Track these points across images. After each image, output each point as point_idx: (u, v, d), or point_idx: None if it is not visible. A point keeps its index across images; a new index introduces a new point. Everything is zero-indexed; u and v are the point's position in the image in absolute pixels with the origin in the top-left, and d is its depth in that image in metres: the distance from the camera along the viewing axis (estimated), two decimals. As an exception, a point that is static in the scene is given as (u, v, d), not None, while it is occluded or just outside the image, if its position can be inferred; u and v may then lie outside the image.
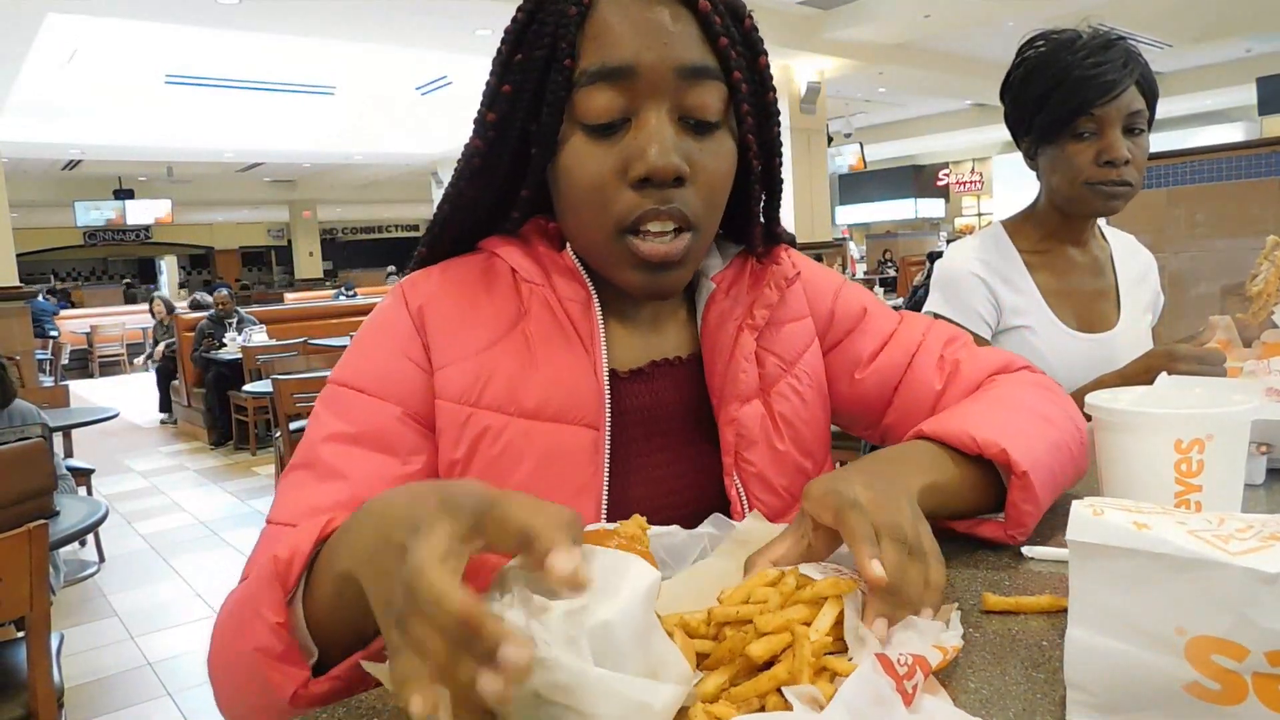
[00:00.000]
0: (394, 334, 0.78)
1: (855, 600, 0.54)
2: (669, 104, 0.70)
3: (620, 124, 0.71)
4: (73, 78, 8.87)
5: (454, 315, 0.78)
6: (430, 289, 0.80)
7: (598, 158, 0.71)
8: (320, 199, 20.48)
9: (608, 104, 0.70)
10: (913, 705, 0.47)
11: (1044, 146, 1.45)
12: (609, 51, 0.69)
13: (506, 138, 0.75)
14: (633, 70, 0.69)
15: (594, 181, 0.71)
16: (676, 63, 0.69)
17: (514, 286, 0.79)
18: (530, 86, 0.72)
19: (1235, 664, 0.43)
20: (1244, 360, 1.11)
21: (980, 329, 1.47)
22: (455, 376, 0.76)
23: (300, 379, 4.47)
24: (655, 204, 0.70)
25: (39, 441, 2.53)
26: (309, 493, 0.72)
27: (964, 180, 19.16)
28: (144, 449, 7.40)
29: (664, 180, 0.69)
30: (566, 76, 0.70)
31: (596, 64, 0.69)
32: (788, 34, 8.52)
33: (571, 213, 0.76)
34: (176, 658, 3.25)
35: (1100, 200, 1.41)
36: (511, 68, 0.73)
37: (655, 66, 0.69)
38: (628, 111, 0.70)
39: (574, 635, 0.44)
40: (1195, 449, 0.67)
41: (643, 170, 0.69)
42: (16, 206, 9.47)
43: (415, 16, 6.88)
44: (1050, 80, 1.39)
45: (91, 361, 13.43)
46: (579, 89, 0.70)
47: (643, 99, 0.70)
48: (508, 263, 0.80)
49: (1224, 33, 10.47)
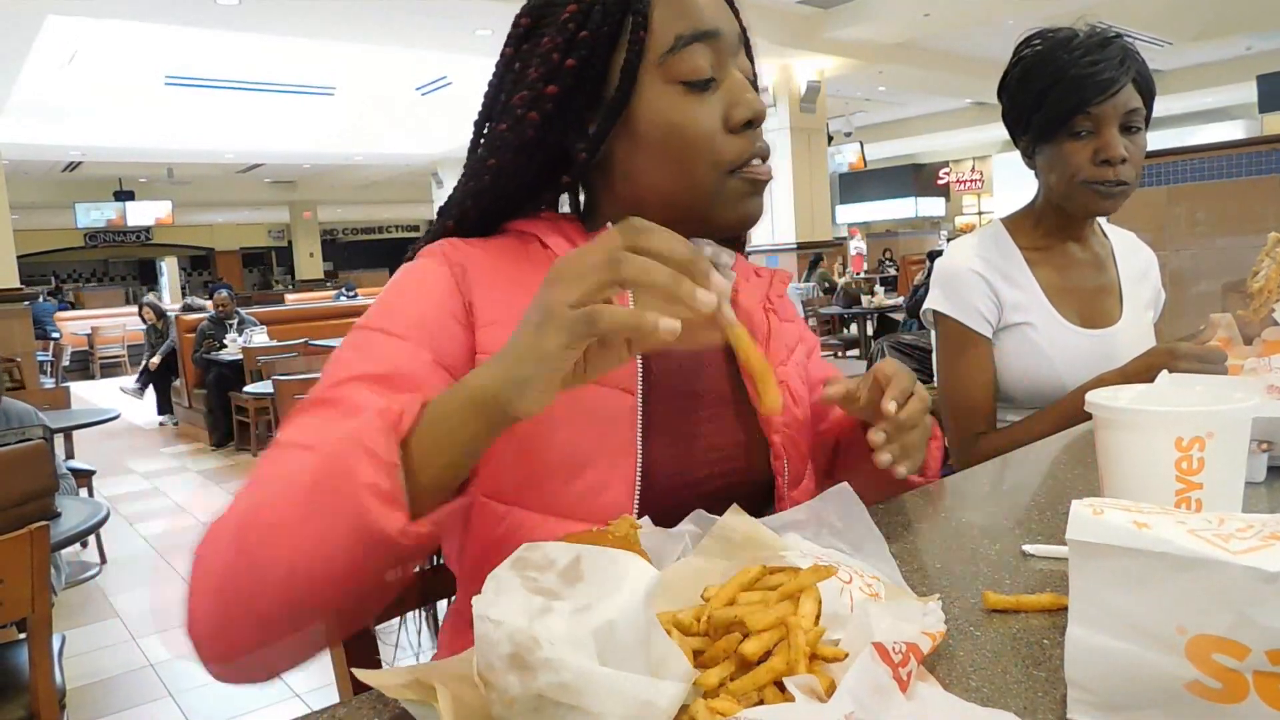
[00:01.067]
0: (433, 288, 0.79)
1: (832, 585, 0.55)
2: (734, 63, 0.82)
3: (711, 82, 0.81)
4: (73, 79, 8.88)
5: (500, 277, 0.81)
6: (472, 251, 0.82)
7: (703, 110, 0.80)
8: (320, 200, 20.48)
9: (705, 62, 0.80)
10: (908, 692, 0.48)
11: (1041, 145, 1.45)
12: (695, 19, 0.80)
13: (568, 111, 0.81)
14: (719, 33, 0.81)
15: (704, 132, 0.80)
16: (737, 29, 0.84)
17: (548, 261, 0.82)
18: (600, 58, 0.79)
19: (1236, 663, 0.43)
20: (1245, 358, 1.11)
21: (981, 327, 1.47)
22: (501, 335, 0.71)
23: (301, 380, 4.48)
24: (759, 141, 0.83)
25: (40, 443, 2.53)
26: (331, 427, 0.67)
27: (964, 179, 19.15)
28: (145, 450, 7.40)
29: (761, 122, 0.83)
30: (640, 46, 0.79)
31: (690, 29, 0.79)
32: (788, 33, 8.52)
33: (670, 168, 0.81)
34: (179, 659, 3.25)
35: (1097, 199, 1.41)
36: (578, 43, 0.79)
37: (731, 31, 0.82)
38: (716, 70, 0.81)
39: (578, 635, 0.44)
40: (1196, 447, 0.67)
41: (748, 114, 0.80)
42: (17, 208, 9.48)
43: (415, 17, 6.89)
44: (1047, 79, 1.39)
45: (92, 363, 13.44)
46: (675, 52, 0.79)
47: (725, 57, 0.82)
48: (541, 241, 0.84)
49: (1224, 30, 10.47)
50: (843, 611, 0.54)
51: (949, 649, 0.60)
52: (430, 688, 0.48)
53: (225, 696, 2.93)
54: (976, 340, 1.47)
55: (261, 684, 0.65)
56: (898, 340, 2.10)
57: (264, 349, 6.66)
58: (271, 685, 2.97)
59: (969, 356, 1.47)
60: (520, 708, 0.44)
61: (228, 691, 2.96)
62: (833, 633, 0.53)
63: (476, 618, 0.46)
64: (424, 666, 0.52)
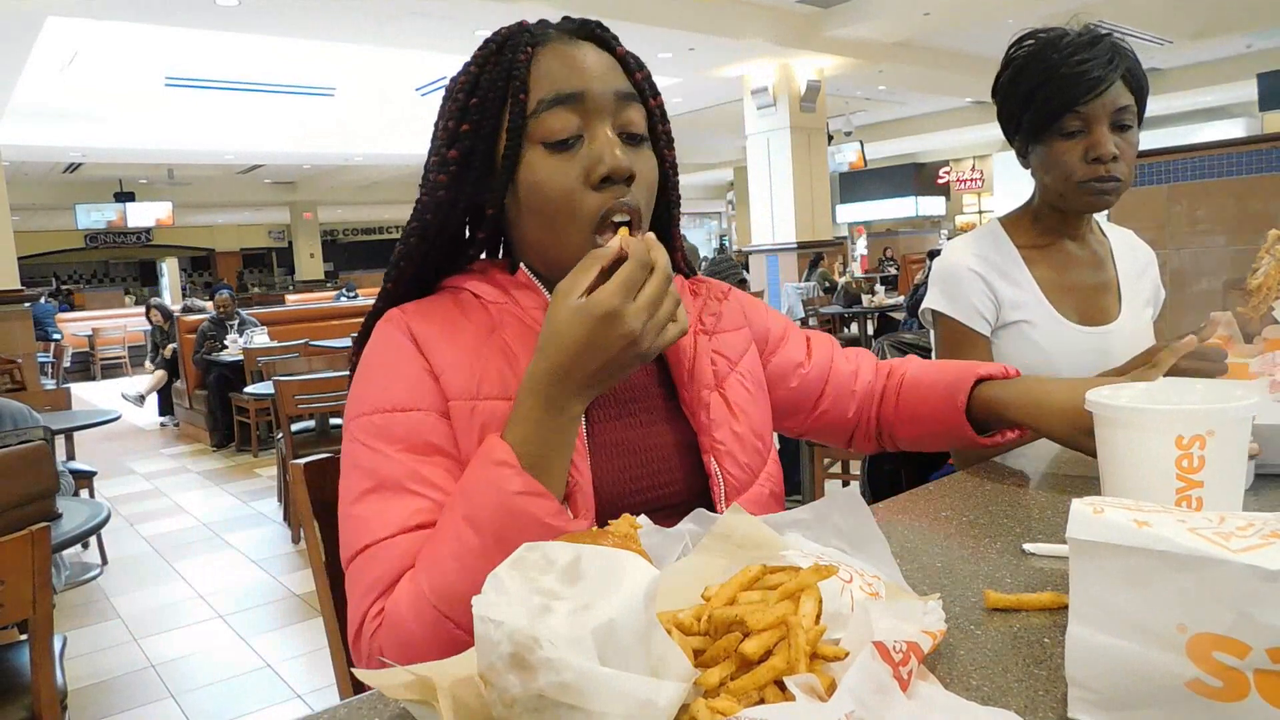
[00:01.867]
0: (402, 354, 0.86)
1: (832, 585, 0.55)
2: (610, 122, 0.86)
3: (575, 141, 0.85)
4: (73, 81, 8.88)
5: (440, 333, 0.88)
6: (411, 316, 0.89)
7: (562, 169, 0.84)
8: (321, 200, 20.48)
9: (565, 123, 0.84)
10: (909, 691, 0.48)
11: (1034, 145, 1.46)
12: (561, 82, 0.84)
13: (469, 171, 0.87)
14: (584, 95, 0.84)
15: (563, 189, 0.84)
16: (614, 88, 0.86)
17: (483, 308, 0.91)
18: (489, 122, 0.86)
19: (1237, 661, 0.43)
20: (1246, 356, 1.11)
21: (979, 325, 1.47)
22: (455, 377, 0.85)
23: (302, 380, 4.47)
24: (617, 198, 0.84)
25: (41, 444, 2.53)
26: (394, 507, 0.79)
27: (964, 178, 19.14)
28: (146, 451, 7.41)
29: (620, 177, 0.84)
30: (522, 109, 0.84)
31: (552, 92, 0.84)
32: (787, 32, 8.52)
33: (542, 224, 0.86)
34: (180, 659, 3.25)
35: (1091, 197, 1.41)
36: (470, 109, 0.87)
37: (600, 91, 0.85)
38: (580, 130, 0.85)
39: (578, 635, 0.44)
40: (1196, 445, 0.67)
41: (605, 170, 0.83)
42: (17, 210, 9.50)
43: (414, 18, 6.89)
44: (1037, 78, 1.39)
45: (93, 364, 13.44)
46: (537, 116, 0.84)
47: (592, 118, 0.85)
48: (471, 292, 0.92)
49: (1224, 28, 10.46)
50: (843, 611, 0.54)
51: (950, 648, 0.60)
52: (431, 688, 0.48)
53: (227, 697, 2.93)
54: (975, 339, 1.47)
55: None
56: (898, 339, 2.10)
57: (264, 350, 6.65)
58: (273, 686, 2.98)
59: (967, 355, 1.47)
60: (521, 708, 0.44)
61: (230, 692, 2.96)
62: (833, 632, 0.53)
63: (477, 618, 0.46)
64: (425, 666, 0.52)
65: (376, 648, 0.75)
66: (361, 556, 0.78)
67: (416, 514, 0.78)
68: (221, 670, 3.14)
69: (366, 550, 0.78)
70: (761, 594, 0.54)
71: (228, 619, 3.60)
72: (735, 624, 0.51)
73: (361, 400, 0.85)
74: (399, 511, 0.78)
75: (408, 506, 0.79)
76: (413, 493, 0.79)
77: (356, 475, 0.82)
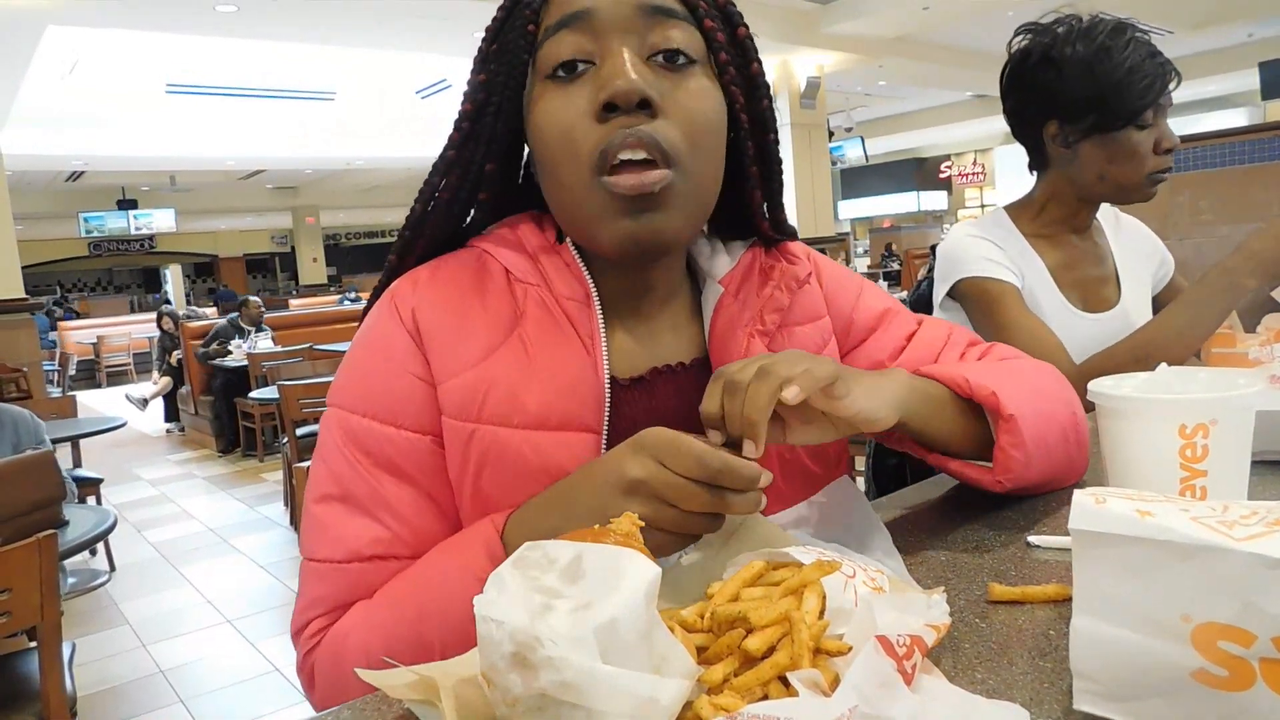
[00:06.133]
0: (393, 351, 0.75)
1: (835, 580, 0.54)
2: (636, 42, 0.70)
3: (583, 66, 0.70)
4: (74, 89, 8.91)
5: (449, 323, 0.75)
6: (421, 294, 0.76)
7: (563, 101, 0.70)
8: (323, 204, 20.50)
9: (566, 49, 0.70)
10: (913, 685, 0.48)
11: (1096, 139, 1.41)
12: (566, 5, 0.71)
13: (480, 127, 0.75)
14: (589, 12, 0.69)
15: (563, 125, 0.70)
16: (636, 4, 0.70)
17: (508, 288, 0.76)
18: (504, 70, 0.73)
19: (1242, 650, 0.43)
20: (1247, 345, 1.11)
21: (1007, 276, 1.42)
22: (455, 391, 0.73)
23: (306, 384, 4.48)
24: (627, 129, 0.67)
25: (47, 452, 2.54)
26: (351, 529, 0.72)
27: (966, 172, 19.11)
28: (152, 458, 7.43)
29: (628, 103, 0.67)
30: (532, 42, 0.72)
31: (556, 18, 0.71)
32: (786, 29, 8.51)
33: (546, 175, 0.73)
34: (189, 665, 3.26)
35: (1153, 188, 1.43)
36: (489, 57, 0.75)
37: (613, 6, 0.69)
38: (591, 54, 0.70)
39: (580, 634, 0.44)
40: (1199, 434, 0.66)
41: (605, 95, 0.67)
42: (21, 218, 9.50)
43: (414, 21, 6.89)
44: (1119, 73, 1.36)
45: (99, 371, 13.48)
46: (543, 46, 0.71)
47: (605, 38, 0.69)
48: (501, 263, 0.78)
49: (1226, 18, 10.42)
50: (846, 606, 0.54)
51: (954, 641, 0.60)
52: (434, 688, 0.48)
53: (236, 701, 2.94)
54: (1007, 288, 1.41)
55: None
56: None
57: (269, 354, 6.67)
58: (281, 690, 2.98)
59: (1008, 303, 1.40)
60: (523, 707, 0.44)
61: (239, 696, 2.97)
62: (836, 627, 0.52)
63: (478, 618, 0.45)
64: (427, 666, 0.52)
65: (310, 665, 0.72)
66: (313, 564, 0.73)
67: (374, 544, 0.71)
68: (230, 675, 3.14)
69: (318, 563, 0.73)
70: (764, 590, 0.54)
71: (236, 624, 3.61)
72: (738, 620, 0.51)
73: (344, 391, 0.76)
74: (356, 536, 0.72)
75: (365, 533, 0.72)
76: (373, 517, 0.72)
77: (324, 472, 0.74)
